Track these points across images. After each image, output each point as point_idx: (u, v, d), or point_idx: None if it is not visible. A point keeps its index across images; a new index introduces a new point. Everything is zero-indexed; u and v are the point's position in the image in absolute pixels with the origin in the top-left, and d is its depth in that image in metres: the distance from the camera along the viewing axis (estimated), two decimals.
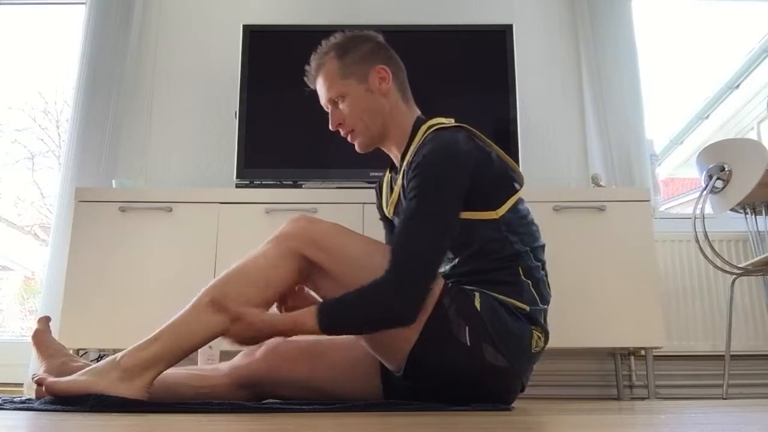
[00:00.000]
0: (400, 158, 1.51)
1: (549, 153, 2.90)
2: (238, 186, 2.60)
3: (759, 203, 2.54)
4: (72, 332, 2.24)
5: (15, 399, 1.35)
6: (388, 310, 1.29)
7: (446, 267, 1.45)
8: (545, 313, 1.45)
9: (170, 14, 3.08)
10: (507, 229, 1.41)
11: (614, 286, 2.30)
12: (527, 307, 1.39)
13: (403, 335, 1.33)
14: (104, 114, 2.79)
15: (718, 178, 2.37)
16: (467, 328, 1.33)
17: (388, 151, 1.57)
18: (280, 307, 1.44)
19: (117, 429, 0.80)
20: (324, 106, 1.56)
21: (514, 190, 1.45)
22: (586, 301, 2.27)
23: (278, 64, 2.70)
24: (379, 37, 1.58)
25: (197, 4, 3.09)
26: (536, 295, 1.41)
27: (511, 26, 2.74)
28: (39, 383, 1.27)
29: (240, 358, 1.55)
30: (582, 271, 2.30)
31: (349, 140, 1.55)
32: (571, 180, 2.85)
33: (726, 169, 2.35)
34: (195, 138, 2.92)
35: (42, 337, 1.45)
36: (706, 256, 2.43)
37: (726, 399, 2.29)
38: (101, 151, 2.76)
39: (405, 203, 1.40)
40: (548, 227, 1.69)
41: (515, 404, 1.46)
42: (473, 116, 1.66)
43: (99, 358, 2.18)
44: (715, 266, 2.49)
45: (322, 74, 1.52)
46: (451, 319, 1.33)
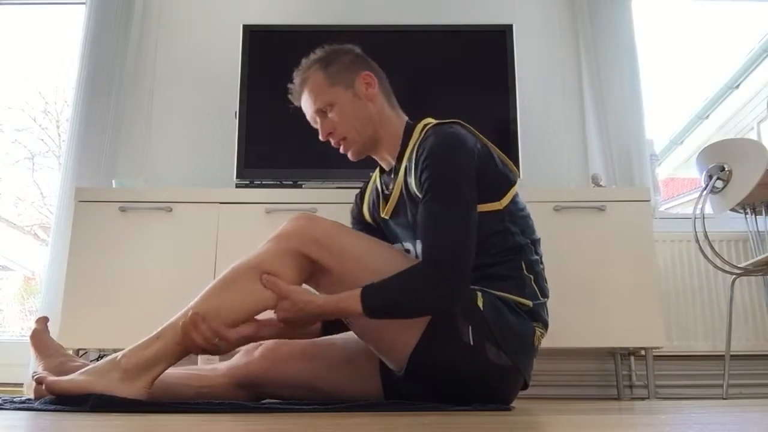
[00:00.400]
0: (396, 160, 1.51)
1: (549, 153, 2.90)
2: (238, 186, 2.60)
3: (759, 203, 2.54)
4: (72, 332, 2.24)
5: (15, 399, 1.35)
6: (437, 296, 1.30)
7: None
8: (546, 306, 1.46)
9: (170, 14, 3.08)
10: (509, 220, 1.42)
11: (614, 286, 2.30)
12: (530, 303, 1.40)
13: (405, 334, 1.34)
14: (104, 114, 2.79)
15: (718, 178, 2.37)
16: (470, 328, 1.33)
17: (379, 158, 1.57)
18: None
19: (117, 429, 0.80)
20: (311, 120, 1.55)
21: (513, 182, 1.46)
22: (586, 301, 2.27)
23: (278, 64, 2.65)
24: (357, 49, 1.59)
25: (197, 4, 3.09)
26: (537, 289, 1.43)
27: (511, 26, 2.74)
28: (39, 382, 1.26)
29: (239, 358, 1.55)
30: (582, 271, 2.30)
31: (341, 150, 1.54)
32: (571, 180, 2.85)
33: (726, 169, 2.35)
34: (195, 138, 2.92)
35: (40, 337, 1.45)
36: (706, 256, 2.43)
37: (726, 399, 2.29)
38: (101, 151, 2.75)
39: (419, 194, 1.39)
40: (548, 227, 1.69)
41: (515, 404, 1.46)
42: (473, 116, 1.66)
43: (99, 358, 2.18)
44: (715, 266, 2.49)
45: (308, 87, 1.52)
46: (453, 319, 1.33)
